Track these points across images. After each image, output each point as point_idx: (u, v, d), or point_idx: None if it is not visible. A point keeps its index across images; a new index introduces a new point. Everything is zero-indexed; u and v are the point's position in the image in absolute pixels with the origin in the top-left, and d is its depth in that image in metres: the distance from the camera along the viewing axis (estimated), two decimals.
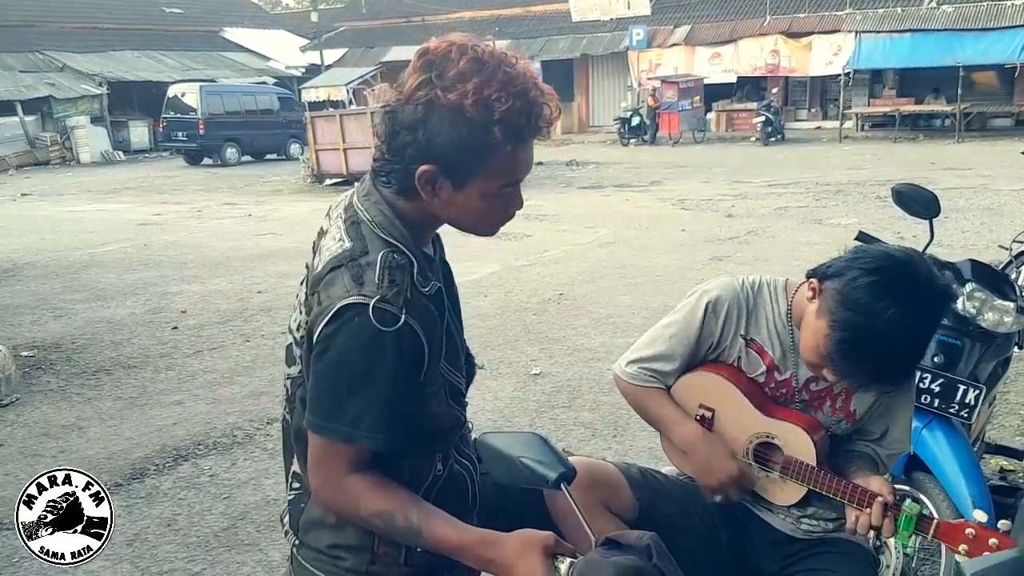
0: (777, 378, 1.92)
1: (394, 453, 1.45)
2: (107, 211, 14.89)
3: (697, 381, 1.97)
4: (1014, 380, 4.36)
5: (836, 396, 1.91)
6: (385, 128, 1.43)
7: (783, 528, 1.97)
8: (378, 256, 1.40)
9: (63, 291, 8.41)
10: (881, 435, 1.95)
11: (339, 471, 1.43)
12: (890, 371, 1.71)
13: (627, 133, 25.70)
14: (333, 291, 1.39)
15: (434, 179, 1.40)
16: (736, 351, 1.94)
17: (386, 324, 1.35)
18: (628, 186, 15.78)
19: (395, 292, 1.37)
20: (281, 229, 11.96)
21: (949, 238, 8.83)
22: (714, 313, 1.92)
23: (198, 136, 24.43)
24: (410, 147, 1.39)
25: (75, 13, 30.96)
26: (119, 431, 4.80)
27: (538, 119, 1.39)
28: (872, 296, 1.64)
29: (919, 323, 1.65)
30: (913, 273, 1.67)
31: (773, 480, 1.92)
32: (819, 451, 1.85)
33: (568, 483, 1.40)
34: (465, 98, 1.33)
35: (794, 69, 27.07)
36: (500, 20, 32.10)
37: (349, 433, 1.40)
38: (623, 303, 7.10)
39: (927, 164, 16.73)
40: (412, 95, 1.37)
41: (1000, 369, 3.05)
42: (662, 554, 1.32)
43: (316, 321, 1.40)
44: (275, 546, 3.49)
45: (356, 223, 1.46)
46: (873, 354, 1.66)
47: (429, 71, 1.37)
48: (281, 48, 35.71)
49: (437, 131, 1.36)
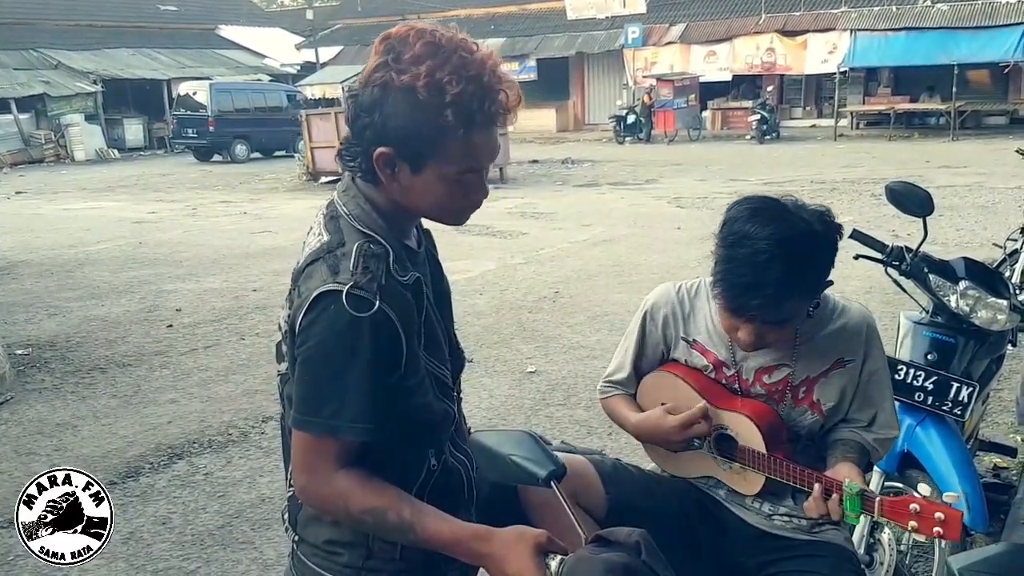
0: (726, 373, 1.97)
1: (383, 448, 1.44)
2: (102, 209, 14.86)
3: (655, 381, 2.06)
4: (1007, 377, 4.37)
5: (796, 388, 1.93)
6: (349, 112, 1.45)
7: (757, 523, 1.98)
8: (354, 246, 1.41)
9: (58, 289, 8.40)
10: (869, 422, 1.96)
11: (325, 468, 1.42)
12: (758, 285, 1.72)
13: (623, 131, 25.69)
14: (311, 282, 1.40)
15: (392, 162, 1.41)
16: (682, 352, 2.03)
17: (360, 310, 1.35)
18: (623, 184, 15.79)
19: (368, 279, 1.37)
20: (276, 227, 11.94)
21: (944, 236, 8.85)
22: (652, 320, 2.05)
23: (208, 133, 24.87)
24: (368, 129, 1.40)
25: (70, 11, 30.87)
26: (114, 429, 4.80)
27: (492, 105, 1.38)
28: (733, 227, 1.78)
29: (775, 237, 1.72)
30: (773, 205, 1.79)
31: (736, 471, 1.95)
32: (767, 437, 1.87)
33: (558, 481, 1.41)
34: (417, 80, 1.34)
35: (789, 67, 27.09)
36: (496, 18, 32.08)
37: (331, 425, 1.39)
38: (618, 301, 7.10)
39: (922, 162, 16.77)
40: (370, 78, 1.39)
41: (994, 367, 3.05)
42: (651, 551, 1.33)
43: (296, 313, 1.41)
44: (270, 544, 3.49)
45: (335, 217, 1.48)
46: (739, 272, 1.74)
47: (387, 54, 1.39)
48: (276, 46, 35.65)
49: (391, 113, 1.37)
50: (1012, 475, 3.72)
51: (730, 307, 1.81)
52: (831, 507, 1.74)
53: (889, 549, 2.66)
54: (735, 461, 1.94)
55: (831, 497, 1.75)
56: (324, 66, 32.92)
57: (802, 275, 1.75)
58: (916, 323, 2.94)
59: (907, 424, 2.74)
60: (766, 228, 1.73)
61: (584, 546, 1.37)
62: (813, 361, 1.92)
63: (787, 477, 1.84)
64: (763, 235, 1.73)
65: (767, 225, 1.74)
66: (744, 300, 1.76)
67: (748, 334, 1.83)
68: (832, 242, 1.79)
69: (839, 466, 1.82)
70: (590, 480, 1.89)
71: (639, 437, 2.06)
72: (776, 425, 1.91)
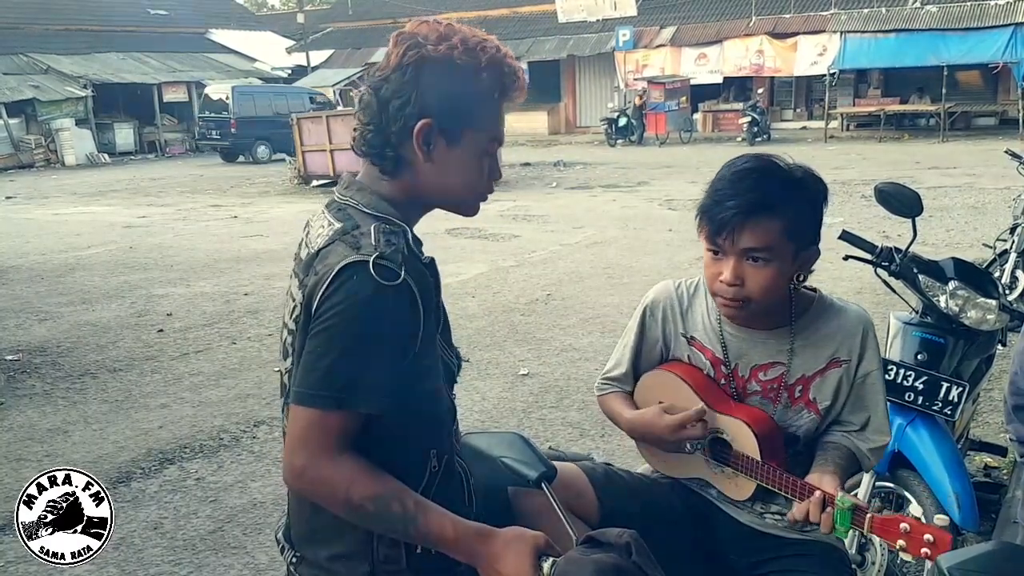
0: (724, 371, 1.97)
1: (386, 443, 1.42)
2: (92, 214, 14.80)
3: (653, 380, 2.05)
4: (998, 377, 4.38)
5: (792, 387, 1.92)
6: (373, 105, 1.47)
7: (748, 522, 1.98)
8: (371, 227, 1.43)
9: (48, 294, 8.36)
10: (862, 426, 1.95)
11: (327, 447, 1.37)
12: (734, 195, 1.78)
13: (614, 134, 25.73)
14: (330, 259, 1.40)
15: (430, 137, 1.45)
16: (683, 349, 2.02)
17: (387, 279, 1.35)
18: (615, 186, 15.81)
19: (393, 250, 1.39)
20: (267, 231, 11.92)
21: (934, 236, 8.89)
22: (652, 317, 2.05)
23: (231, 135, 25.50)
24: (406, 108, 1.44)
25: (59, 15, 30.74)
26: (104, 434, 4.78)
27: (515, 72, 1.51)
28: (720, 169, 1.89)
29: (754, 160, 1.85)
30: (754, 155, 1.90)
31: (727, 475, 1.95)
32: (762, 445, 1.86)
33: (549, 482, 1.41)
34: (454, 49, 1.44)
35: (780, 69, 27.17)
36: (487, 21, 32.08)
37: (339, 398, 1.35)
38: (610, 303, 7.11)
39: (912, 163, 16.84)
40: (400, 62, 1.45)
41: (983, 366, 3.07)
42: (642, 551, 1.33)
43: (315, 290, 1.38)
44: (261, 549, 3.48)
45: (343, 208, 1.50)
46: (717, 188, 1.83)
47: (413, 38, 1.46)
48: (267, 49, 35.59)
49: (430, 84, 1.44)
50: (1002, 474, 3.73)
51: (709, 225, 1.81)
52: (823, 519, 1.73)
53: (880, 548, 2.67)
54: (727, 466, 1.94)
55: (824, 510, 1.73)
56: (315, 69, 32.91)
57: (779, 195, 1.78)
58: (906, 323, 2.95)
59: (898, 424, 2.74)
60: (748, 159, 1.87)
61: (575, 547, 1.37)
62: (809, 360, 1.91)
63: (779, 486, 1.83)
64: (743, 160, 1.86)
65: (749, 159, 1.87)
66: (719, 210, 1.78)
67: (730, 271, 1.80)
68: (812, 189, 1.83)
69: (826, 476, 1.80)
70: (582, 488, 1.88)
71: (632, 435, 2.05)
72: (773, 433, 1.90)
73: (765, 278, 1.81)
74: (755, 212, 1.76)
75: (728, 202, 1.77)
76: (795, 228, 1.80)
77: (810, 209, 1.83)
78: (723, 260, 1.82)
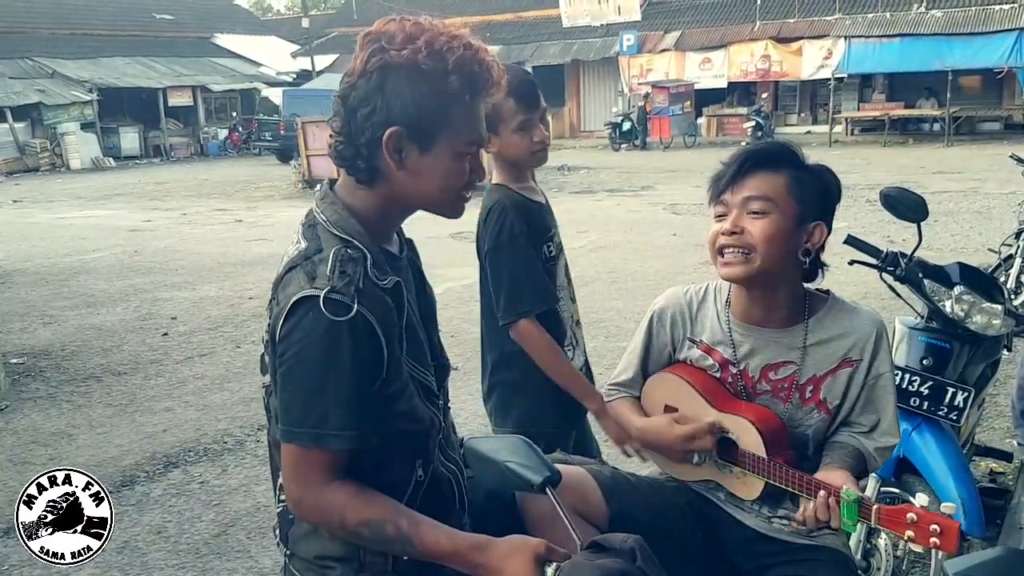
0: (732, 371, 1.97)
1: (369, 460, 1.43)
2: (97, 218, 14.84)
3: (659, 383, 2.07)
4: (1003, 382, 4.37)
5: (803, 387, 1.92)
6: (341, 113, 1.44)
7: (755, 526, 1.97)
8: (331, 252, 1.41)
9: (53, 298, 8.38)
10: (871, 428, 1.95)
11: (317, 480, 1.40)
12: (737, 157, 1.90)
13: (618, 138, 25.72)
14: (289, 289, 1.41)
15: (400, 145, 1.41)
16: (690, 353, 2.04)
17: (338, 314, 1.35)
18: (619, 191, 15.81)
19: (346, 283, 1.37)
20: (272, 235, 11.92)
21: (939, 241, 8.87)
22: (660, 323, 2.08)
23: (280, 136, 25.78)
24: (373, 116, 1.40)
25: (65, 19, 30.85)
26: (109, 438, 4.79)
27: (488, 69, 1.43)
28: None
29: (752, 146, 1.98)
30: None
31: (736, 475, 1.95)
32: (768, 442, 1.86)
33: (554, 487, 1.40)
34: (418, 53, 1.37)
35: (784, 74, 27.14)
36: (491, 26, 32.11)
37: (317, 435, 1.38)
38: (614, 308, 7.10)
39: (917, 168, 16.80)
40: (365, 67, 1.40)
41: (989, 371, 3.05)
42: (646, 557, 1.32)
43: (275, 322, 1.41)
44: (265, 553, 3.48)
45: (313, 225, 1.49)
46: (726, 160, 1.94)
47: (377, 42, 1.40)
48: (272, 54, 35.66)
49: (396, 91, 1.39)
50: (1008, 480, 3.72)
51: (716, 185, 1.90)
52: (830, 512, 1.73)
53: (886, 554, 2.66)
54: (735, 465, 1.93)
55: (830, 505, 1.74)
56: (320, 74, 32.95)
57: (784, 155, 1.88)
58: (911, 328, 2.94)
59: (903, 429, 2.73)
60: (759, 143, 1.98)
61: (579, 552, 1.36)
62: (820, 360, 1.92)
63: (785, 482, 1.83)
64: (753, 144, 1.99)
65: (760, 143, 1.98)
66: (726, 168, 1.88)
67: (730, 221, 1.85)
68: (819, 171, 1.91)
69: (834, 472, 1.81)
70: (589, 491, 1.87)
71: (641, 442, 2.07)
72: (778, 430, 1.90)
73: (765, 227, 1.83)
74: (759, 165, 1.85)
75: (731, 166, 1.88)
76: (798, 188, 1.86)
77: (816, 180, 1.89)
78: (726, 219, 1.87)
